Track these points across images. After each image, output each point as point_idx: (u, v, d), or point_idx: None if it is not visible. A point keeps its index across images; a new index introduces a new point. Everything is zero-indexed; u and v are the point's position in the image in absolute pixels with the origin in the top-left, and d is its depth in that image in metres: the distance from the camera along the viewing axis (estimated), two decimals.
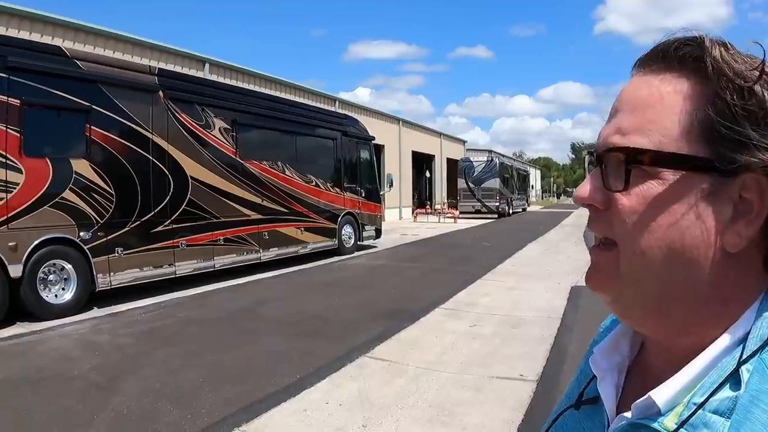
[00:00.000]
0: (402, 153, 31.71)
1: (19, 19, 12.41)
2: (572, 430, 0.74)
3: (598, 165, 0.61)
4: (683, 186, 0.55)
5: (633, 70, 0.64)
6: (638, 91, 0.60)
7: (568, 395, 0.79)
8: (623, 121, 0.60)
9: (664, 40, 0.61)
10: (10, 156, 7.20)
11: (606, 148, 0.60)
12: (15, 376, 5.32)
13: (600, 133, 0.64)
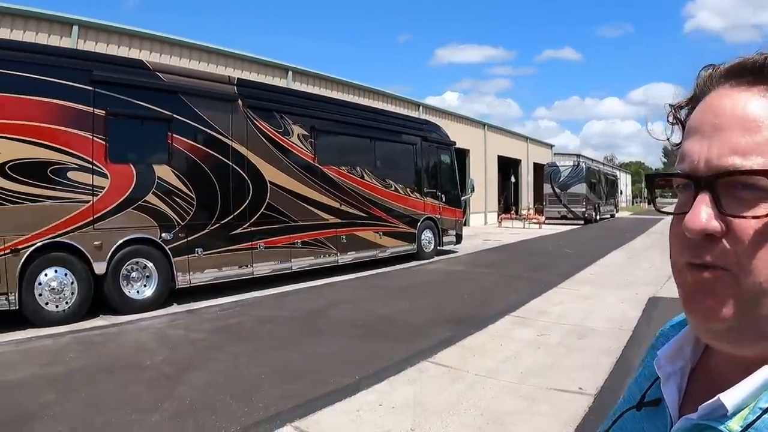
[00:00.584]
0: (487, 157, 31.33)
1: (107, 34, 13.48)
2: (632, 431, 0.75)
3: (705, 189, 0.58)
4: None
5: (717, 81, 0.63)
6: (746, 107, 0.57)
7: (627, 397, 0.80)
8: (737, 140, 0.56)
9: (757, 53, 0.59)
10: (97, 162, 7.82)
11: (723, 170, 0.57)
12: (93, 364, 5.79)
13: (693, 153, 0.60)
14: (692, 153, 0.60)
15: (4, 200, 6.97)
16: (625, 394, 0.82)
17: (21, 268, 7.11)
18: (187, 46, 15.37)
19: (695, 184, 0.59)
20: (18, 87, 7.14)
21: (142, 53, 13.88)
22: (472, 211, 29.76)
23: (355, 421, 4.30)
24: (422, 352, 6.07)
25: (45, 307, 7.36)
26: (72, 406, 4.55)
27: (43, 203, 7.33)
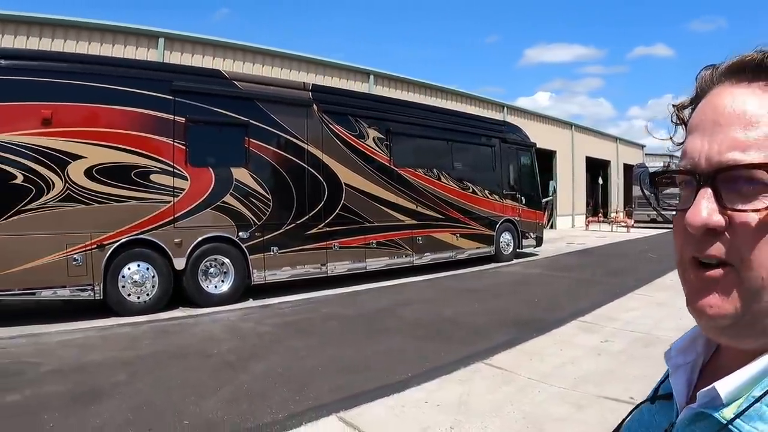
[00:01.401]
0: (575, 159, 30.39)
1: (192, 45, 14.41)
2: (646, 423, 0.77)
3: (706, 185, 0.59)
4: None
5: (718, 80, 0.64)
6: (744, 104, 0.58)
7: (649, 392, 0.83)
8: (736, 136, 0.57)
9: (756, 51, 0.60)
10: (177, 166, 8.42)
11: (724, 165, 0.58)
12: (164, 350, 6.29)
13: (695, 150, 0.61)
14: (693, 150, 0.61)
15: (91, 200, 7.70)
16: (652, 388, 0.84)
17: (106, 262, 7.83)
18: (269, 54, 16.07)
19: (696, 180, 0.60)
20: (104, 97, 7.89)
21: (225, 62, 14.70)
22: (559, 213, 29.02)
23: (398, 416, 4.39)
24: (479, 354, 6.05)
25: (127, 298, 8.06)
26: (139, 387, 4.99)
27: (128, 203, 8.03)
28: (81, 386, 4.95)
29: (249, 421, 4.22)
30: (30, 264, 7.28)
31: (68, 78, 7.65)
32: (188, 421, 4.21)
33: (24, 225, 7.25)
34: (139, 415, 4.30)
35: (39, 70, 7.52)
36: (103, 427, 4.06)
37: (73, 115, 7.65)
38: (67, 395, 4.73)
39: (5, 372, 5.37)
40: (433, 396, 4.81)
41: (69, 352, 6.13)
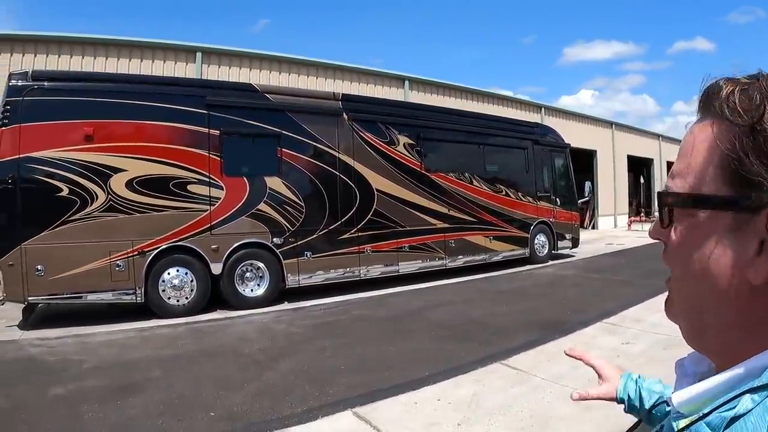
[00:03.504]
0: (616, 158, 29.82)
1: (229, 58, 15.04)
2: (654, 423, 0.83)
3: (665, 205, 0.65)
4: (711, 223, 0.58)
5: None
6: (687, 137, 0.64)
7: None
8: (675, 166, 0.64)
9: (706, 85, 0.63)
10: (213, 176, 8.88)
11: (663, 190, 0.65)
12: (200, 349, 6.73)
13: None
14: None
15: (132, 210, 8.26)
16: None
17: (147, 268, 8.37)
18: (304, 64, 16.57)
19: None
20: (141, 114, 8.45)
21: (262, 73, 15.27)
22: (600, 214, 28.58)
23: (409, 412, 4.61)
24: (498, 355, 6.18)
25: (167, 301, 8.57)
26: (172, 382, 5.41)
27: (167, 212, 8.55)
28: (118, 381, 5.41)
29: (269, 414, 4.54)
30: (76, 270, 7.86)
31: (107, 97, 8.25)
32: (214, 413, 4.57)
33: (70, 234, 7.85)
34: (170, 407, 4.69)
35: (80, 90, 8.13)
36: (136, 417, 4.47)
37: (113, 131, 8.25)
38: (105, 389, 5.18)
39: (51, 369, 5.91)
40: (447, 394, 4.99)
41: (110, 351, 6.65)
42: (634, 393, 1.21)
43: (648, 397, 1.18)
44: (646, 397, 1.19)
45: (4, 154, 7.58)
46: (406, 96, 18.61)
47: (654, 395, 1.18)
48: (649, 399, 1.17)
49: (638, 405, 1.20)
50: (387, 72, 18.81)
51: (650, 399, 1.17)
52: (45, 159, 7.77)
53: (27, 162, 7.68)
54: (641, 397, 1.20)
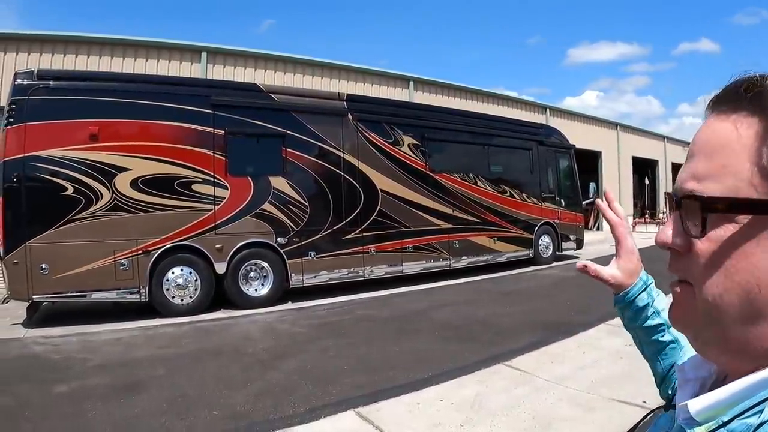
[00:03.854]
0: (621, 159, 29.77)
1: (234, 58, 15.09)
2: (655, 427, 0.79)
3: (677, 209, 0.62)
4: (758, 229, 0.55)
5: (706, 112, 0.65)
6: (712, 135, 0.60)
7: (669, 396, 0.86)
8: (698, 166, 0.60)
9: (733, 81, 0.61)
10: (218, 176, 8.92)
11: (683, 194, 0.61)
12: (203, 348, 6.75)
13: (678, 177, 0.64)
14: (678, 177, 0.64)
15: (137, 209, 8.29)
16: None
17: (151, 267, 8.39)
18: (309, 64, 16.61)
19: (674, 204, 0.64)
20: (147, 113, 8.48)
21: (267, 73, 15.31)
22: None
23: (412, 413, 4.61)
24: (502, 355, 6.17)
25: (171, 300, 8.60)
26: (176, 381, 5.43)
27: (171, 212, 8.57)
28: (122, 379, 5.43)
29: (272, 414, 4.54)
30: (81, 268, 7.90)
31: (112, 96, 8.28)
32: (217, 412, 4.57)
33: (75, 233, 7.88)
34: (173, 405, 4.70)
35: (85, 90, 8.17)
36: (140, 416, 4.48)
37: (118, 131, 8.28)
38: (109, 387, 5.20)
39: (55, 367, 5.94)
40: (450, 395, 4.99)
41: (114, 349, 6.68)
42: (643, 303, 1.10)
43: (651, 317, 1.10)
44: (650, 315, 1.10)
45: (10, 153, 7.62)
46: (410, 96, 18.62)
47: (657, 318, 1.10)
48: (652, 319, 1.10)
49: (633, 316, 1.12)
50: (392, 72, 18.83)
51: (652, 319, 1.10)
52: (50, 158, 7.80)
53: (32, 161, 7.71)
54: (645, 312, 1.11)
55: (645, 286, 1.11)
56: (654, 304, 1.10)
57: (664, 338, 1.09)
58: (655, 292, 1.12)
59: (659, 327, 1.10)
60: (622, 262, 1.11)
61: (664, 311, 1.09)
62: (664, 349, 1.09)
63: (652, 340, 1.11)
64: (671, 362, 1.07)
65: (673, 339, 1.08)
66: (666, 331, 1.09)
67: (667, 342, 1.09)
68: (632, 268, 1.11)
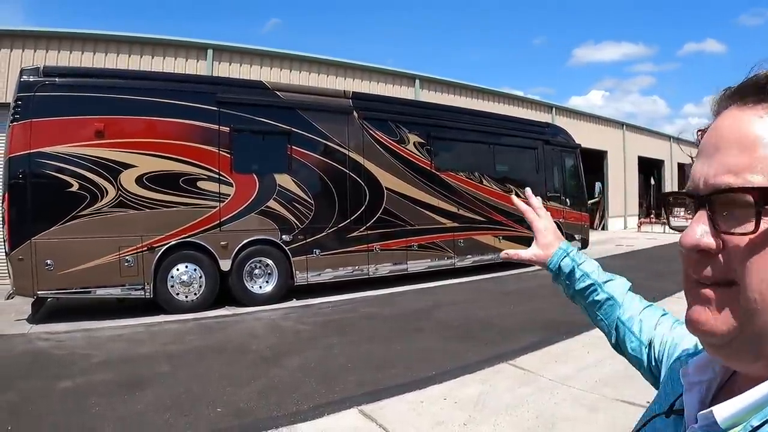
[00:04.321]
0: (627, 159, 29.61)
1: (240, 55, 15.16)
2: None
3: (703, 207, 0.59)
4: None
5: (723, 104, 0.63)
6: (743, 127, 0.58)
7: (659, 402, 0.82)
8: (731, 159, 0.57)
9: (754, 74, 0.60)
10: (223, 173, 8.94)
11: (717, 188, 0.58)
12: (207, 345, 6.76)
13: (696, 173, 0.62)
14: (695, 173, 0.62)
15: (142, 206, 8.32)
16: (658, 396, 0.85)
17: (156, 264, 8.42)
18: (315, 62, 16.57)
19: (695, 202, 0.61)
20: (152, 110, 8.50)
21: (272, 71, 15.31)
22: (610, 215, 28.44)
23: (415, 410, 4.60)
24: (505, 355, 6.16)
25: (176, 297, 8.63)
26: (180, 377, 5.45)
27: (176, 208, 8.59)
28: (126, 375, 5.45)
29: (275, 411, 4.54)
30: (86, 265, 7.92)
31: (118, 93, 8.31)
32: (221, 409, 4.58)
33: (80, 229, 7.91)
34: (176, 402, 4.72)
35: (91, 86, 8.19)
36: (143, 412, 4.49)
37: (123, 128, 8.30)
38: (112, 383, 5.22)
39: (60, 362, 5.96)
40: (453, 393, 4.98)
41: (118, 346, 6.70)
42: (568, 268, 1.22)
43: (581, 279, 1.20)
44: (579, 278, 1.20)
45: (16, 149, 7.66)
46: (416, 95, 18.58)
47: (587, 279, 1.19)
48: (581, 281, 1.20)
49: (567, 283, 1.23)
50: (398, 70, 18.77)
51: (582, 282, 1.20)
52: (56, 154, 7.83)
53: (38, 157, 7.74)
54: (573, 276, 1.21)
55: (565, 253, 1.23)
56: (581, 267, 1.21)
57: (599, 297, 1.18)
58: (580, 258, 1.23)
59: (591, 287, 1.19)
60: (539, 239, 1.28)
61: (594, 273, 1.20)
62: (602, 307, 1.18)
63: (590, 302, 1.20)
64: (613, 318, 1.15)
65: (609, 296, 1.17)
66: (599, 290, 1.18)
67: (602, 300, 1.18)
68: (548, 242, 1.26)
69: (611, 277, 1.23)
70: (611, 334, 1.17)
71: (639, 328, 1.10)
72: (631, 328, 1.11)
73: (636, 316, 1.13)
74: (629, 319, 1.13)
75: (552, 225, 1.31)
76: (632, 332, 1.11)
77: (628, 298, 1.18)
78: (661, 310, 1.14)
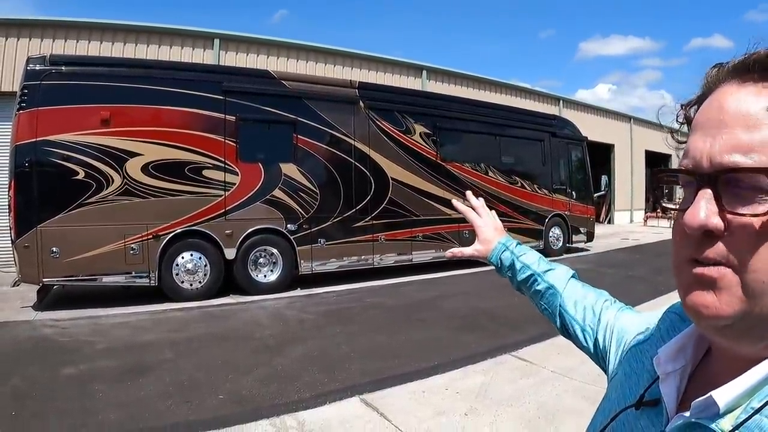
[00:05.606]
0: (634, 152, 29.41)
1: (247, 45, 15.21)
2: (629, 429, 0.74)
3: (706, 186, 0.58)
4: None
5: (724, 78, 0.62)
6: (749, 105, 0.56)
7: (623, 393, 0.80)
8: (738, 137, 0.56)
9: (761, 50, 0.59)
10: (229, 162, 8.95)
11: (725, 167, 0.56)
12: (211, 333, 6.79)
13: (697, 150, 0.60)
14: (696, 149, 0.59)
15: (147, 194, 8.34)
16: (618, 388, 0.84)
17: (161, 252, 8.46)
18: (322, 52, 16.55)
19: (698, 181, 0.59)
20: (158, 99, 8.51)
21: (279, 60, 15.30)
22: (616, 209, 28.33)
23: (417, 400, 4.61)
24: (508, 346, 6.17)
25: (181, 285, 8.67)
26: (183, 364, 5.48)
27: (182, 197, 8.61)
28: (130, 362, 5.48)
29: (277, 399, 4.56)
30: (91, 252, 7.96)
31: (124, 81, 8.32)
32: (223, 396, 4.60)
33: (86, 217, 7.95)
34: (179, 389, 4.74)
35: (98, 75, 8.20)
36: (146, 398, 4.52)
37: (130, 116, 8.30)
38: (116, 370, 5.26)
39: (64, 349, 6.00)
40: (455, 384, 4.99)
41: (122, 333, 6.74)
42: (509, 263, 1.28)
43: (521, 271, 1.25)
44: (519, 270, 1.25)
45: (22, 137, 7.67)
46: (423, 86, 18.52)
47: (527, 271, 1.24)
48: (522, 273, 1.25)
49: (511, 275, 1.28)
50: (405, 61, 18.71)
51: (523, 273, 1.25)
52: (62, 143, 7.85)
53: (44, 145, 7.76)
54: (514, 268, 1.27)
55: (504, 247, 1.30)
56: (520, 259, 1.26)
57: (540, 286, 1.22)
58: (520, 250, 1.29)
59: (531, 277, 1.23)
60: (479, 235, 1.37)
61: (534, 264, 1.24)
62: (544, 296, 1.21)
63: (532, 292, 1.24)
64: (555, 305, 1.18)
65: (549, 285, 1.20)
66: (539, 280, 1.22)
67: (543, 290, 1.21)
68: (488, 237, 1.35)
69: (552, 266, 1.25)
70: (556, 322, 1.19)
71: (583, 316, 1.12)
72: (574, 316, 1.13)
73: (579, 304, 1.14)
74: (572, 306, 1.15)
75: (493, 222, 1.39)
76: (575, 319, 1.13)
77: (570, 286, 1.19)
78: (605, 295, 1.16)
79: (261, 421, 4.13)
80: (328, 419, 4.18)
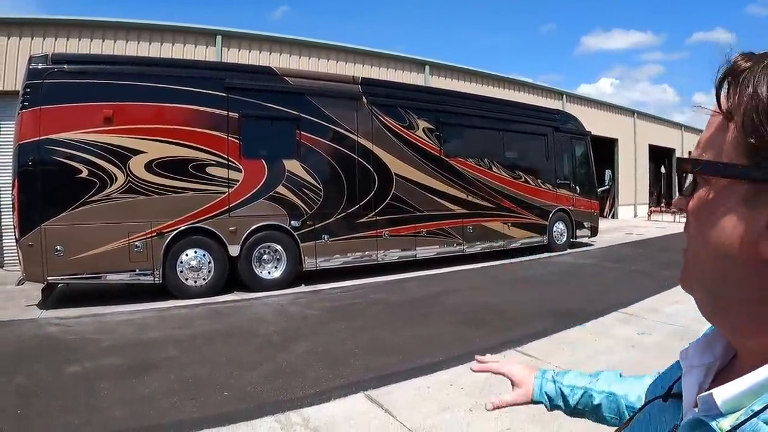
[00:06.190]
0: (637, 147, 29.33)
1: (249, 41, 15.20)
2: (655, 420, 0.76)
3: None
4: (726, 192, 0.57)
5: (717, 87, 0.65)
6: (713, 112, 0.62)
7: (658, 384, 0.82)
8: (702, 137, 0.63)
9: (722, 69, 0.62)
10: (232, 159, 8.95)
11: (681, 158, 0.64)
12: (215, 329, 6.82)
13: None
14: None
15: (151, 192, 8.35)
16: (656, 380, 0.85)
17: (165, 249, 8.47)
18: (324, 48, 16.54)
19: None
20: (161, 96, 8.53)
21: (282, 56, 15.28)
22: (620, 203, 28.27)
23: (422, 396, 4.61)
24: (513, 341, 6.14)
25: (185, 282, 8.70)
26: (188, 361, 5.48)
27: (185, 194, 8.63)
28: (135, 360, 5.49)
29: (282, 395, 4.56)
30: (95, 250, 7.99)
31: (127, 79, 8.33)
32: (228, 393, 4.61)
33: (89, 215, 7.97)
34: (184, 386, 4.75)
35: (100, 73, 8.21)
36: (151, 395, 4.53)
37: (132, 114, 8.31)
38: (121, 367, 5.27)
39: (69, 347, 6.02)
40: (460, 379, 4.97)
41: (127, 330, 6.75)
42: (555, 392, 1.20)
43: (571, 394, 1.18)
44: (569, 395, 1.18)
45: (25, 136, 7.69)
46: (426, 81, 18.49)
47: (578, 391, 1.17)
48: (573, 395, 1.18)
49: (562, 404, 1.20)
50: (407, 56, 18.67)
51: (573, 395, 1.18)
52: (65, 141, 7.86)
53: (47, 144, 7.77)
54: (563, 395, 1.19)
55: (543, 378, 1.24)
56: (566, 383, 1.20)
57: (597, 400, 1.14)
58: (560, 376, 1.22)
59: (585, 395, 1.16)
60: (514, 378, 1.28)
61: (580, 380, 1.19)
62: (608, 407, 1.13)
63: (591, 408, 1.16)
64: (621, 409, 1.11)
65: (607, 394, 1.13)
66: (594, 394, 1.15)
67: (599, 402, 1.14)
68: (523, 378, 1.26)
69: (596, 375, 1.20)
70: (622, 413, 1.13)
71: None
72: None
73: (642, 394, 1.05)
74: (638, 399, 1.08)
75: (517, 364, 1.32)
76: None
77: (626, 384, 1.14)
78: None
79: (266, 417, 4.12)
80: (333, 415, 4.18)
